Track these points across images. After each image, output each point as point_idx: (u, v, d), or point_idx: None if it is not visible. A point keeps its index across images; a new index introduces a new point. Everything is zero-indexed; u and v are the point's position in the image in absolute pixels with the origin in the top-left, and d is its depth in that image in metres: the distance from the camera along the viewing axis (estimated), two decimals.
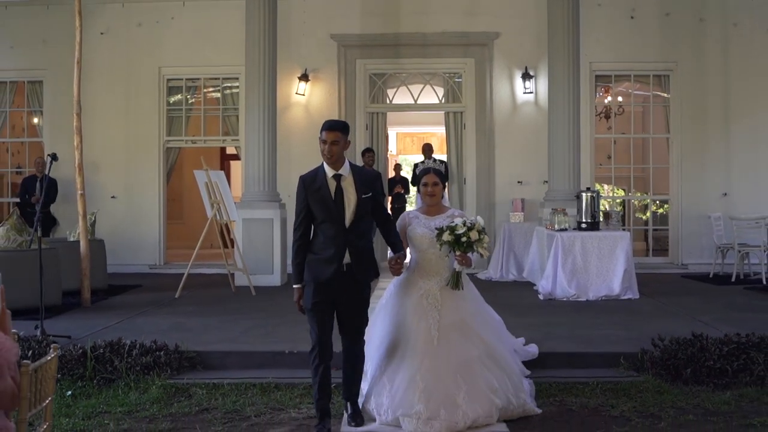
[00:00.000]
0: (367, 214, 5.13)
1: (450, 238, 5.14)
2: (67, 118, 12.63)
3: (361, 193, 5.04)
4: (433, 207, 5.53)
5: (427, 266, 5.40)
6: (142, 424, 5.32)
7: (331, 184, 5.03)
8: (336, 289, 5.00)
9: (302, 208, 5.07)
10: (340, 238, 4.99)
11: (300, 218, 5.08)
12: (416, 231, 5.41)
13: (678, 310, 8.66)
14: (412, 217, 5.53)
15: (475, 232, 5.14)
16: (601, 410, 5.56)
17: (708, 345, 6.25)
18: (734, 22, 12.67)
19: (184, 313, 8.66)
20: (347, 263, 4.98)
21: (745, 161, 12.52)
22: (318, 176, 5.08)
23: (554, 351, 6.59)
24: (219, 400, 5.83)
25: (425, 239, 5.36)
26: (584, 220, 9.98)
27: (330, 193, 5.01)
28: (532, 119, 12.65)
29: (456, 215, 5.46)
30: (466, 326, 5.29)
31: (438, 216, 5.46)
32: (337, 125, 5.08)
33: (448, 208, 5.62)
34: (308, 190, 5.05)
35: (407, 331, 5.26)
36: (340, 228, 4.99)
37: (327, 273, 4.95)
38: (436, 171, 5.58)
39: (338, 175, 5.05)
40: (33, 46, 13.29)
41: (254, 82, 11.48)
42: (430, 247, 5.34)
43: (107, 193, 13.00)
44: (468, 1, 12.77)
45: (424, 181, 5.55)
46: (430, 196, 5.55)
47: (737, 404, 5.64)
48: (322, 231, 5.04)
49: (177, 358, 6.48)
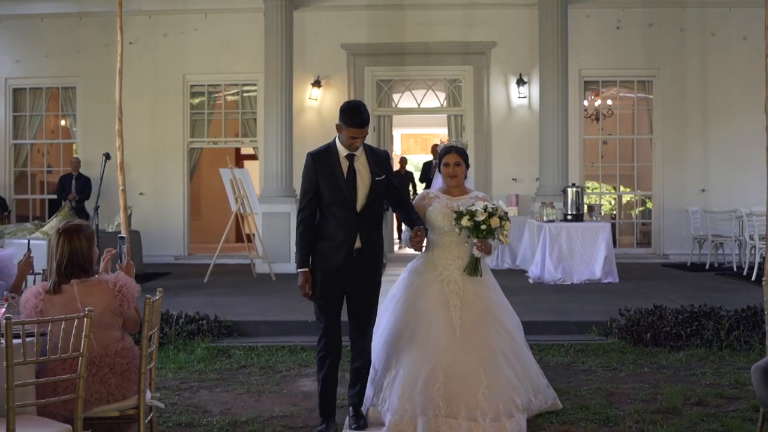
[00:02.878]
0: (380, 198, 4.76)
1: (469, 224, 4.78)
2: (98, 121, 13.94)
3: (375, 175, 4.68)
4: (456, 188, 5.09)
5: (448, 250, 4.98)
6: (194, 375, 6.47)
7: (343, 163, 4.65)
8: (346, 278, 4.66)
9: (310, 187, 4.66)
10: (351, 223, 4.62)
11: (307, 198, 4.68)
12: (436, 211, 4.97)
13: (651, 291, 9.77)
14: (433, 196, 5.07)
15: (497, 218, 4.79)
16: (573, 366, 6.69)
17: (666, 314, 7.40)
18: (712, 32, 13.75)
19: (214, 294, 9.81)
20: (358, 249, 4.64)
21: (721, 160, 13.58)
22: (330, 153, 4.70)
23: (537, 320, 7.72)
24: (254, 359, 6.97)
25: (447, 220, 4.92)
26: (570, 212, 11.13)
27: (342, 172, 4.63)
28: (525, 122, 13.72)
29: (480, 197, 5.03)
30: (489, 315, 4.91)
31: (461, 197, 5.04)
32: (366, 120, 4.64)
33: (470, 190, 5.20)
34: (318, 167, 4.66)
35: (426, 320, 4.83)
36: (351, 212, 4.62)
37: (336, 260, 4.62)
38: (458, 150, 5.09)
39: (351, 155, 4.68)
40: (67, 56, 14.35)
41: (272, 89, 12.66)
42: (450, 230, 4.92)
43: (136, 190, 14.11)
44: (467, 14, 13.85)
45: (446, 161, 5.07)
46: (452, 177, 5.07)
47: (687, 361, 6.77)
48: (332, 214, 4.65)
49: (216, 326, 7.65)
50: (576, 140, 13.55)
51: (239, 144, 15.39)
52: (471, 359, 4.71)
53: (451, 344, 4.74)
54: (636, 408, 5.35)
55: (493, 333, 4.87)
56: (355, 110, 4.61)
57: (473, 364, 4.69)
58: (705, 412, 5.26)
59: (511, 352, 4.91)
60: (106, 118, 13.64)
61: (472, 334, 4.80)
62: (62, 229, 3.95)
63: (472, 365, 4.69)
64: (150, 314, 3.92)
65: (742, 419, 5.00)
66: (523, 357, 5.08)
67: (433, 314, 4.83)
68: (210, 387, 6.11)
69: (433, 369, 4.66)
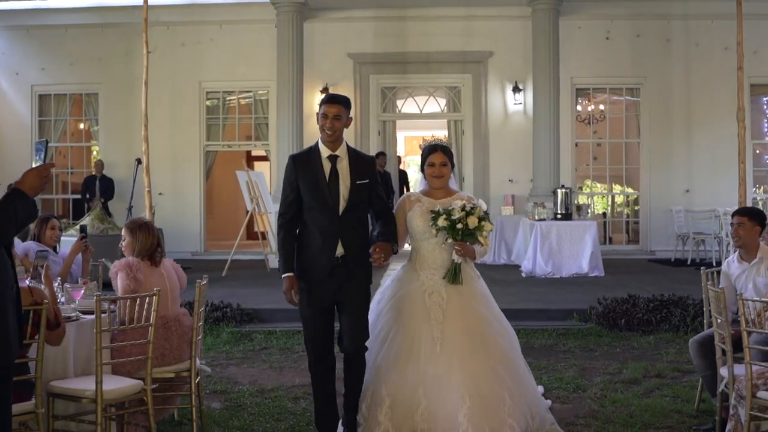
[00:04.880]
0: (363, 204, 4.50)
1: (445, 224, 4.46)
2: (120, 125, 14.89)
3: (356, 178, 4.44)
4: (440, 190, 4.73)
5: (430, 257, 4.63)
6: (222, 354, 7.41)
7: (325, 165, 4.43)
8: (331, 287, 4.40)
9: (290, 191, 4.47)
10: (332, 228, 4.37)
11: (288, 202, 4.47)
12: (416, 215, 4.64)
13: (633, 283, 10.63)
14: (414, 200, 4.72)
15: (474, 218, 4.45)
16: (555, 347, 7.61)
17: (639, 302, 8.32)
18: (696, 42, 14.60)
19: (233, 286, 10.73)
20: (341, 256, 4.38)
21: (704, 162, 14.43)
22: (311, 156, 4.47)
23: (526, 308, 8.67)
24: (274, 342, 7.89)
25: (426, 226, 4.58)
26: (559, 211, 12.06)
27: (324, 175, 4.41)
28: (520, 127, 14.54)
29: (464, 198, 4.66)
30: (474, 330, 4.53)
31: (445, 199, 4.68)
32: (338, 98, 4.47)
33: (456, 191, 4.81)
34: (299, 170, 4.45)
35: (407, 335, 4.52)
36: (332, 217, 4.38)
37: (319, 268, 4.38)
38: (443, 148, 4.73)
39: (334, 156, 4.44)
40: (90, 63, 15.17)
41: (284, 95, 13.60)
42: (431, 236, 4.58)
43: (156, 191, 14.88)
44: (466, 25, 14.69)
45: (431, 161, 4.70)
46: (437, 178, 4.71)
47: (656, 344, 7.69)
48: (312, 220, 4.43)
49: (239, 313, 8.59)
50: (568, 144, 14.43)
51: (252, 147, 16.30)
52: (453, 378, 4.38)
53: (431, 362, 4.42)
54: (603, 379, 6.29)
55: (479, 351, 4.48)
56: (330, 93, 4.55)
57: (455, 384, 4.37)
58: (661, 382, 6.20)
59: (503, 369, 4.51)
60: (127, 122, 14.71)
61: (453, 351, 4.44)
62: (141, 223, 5.10)
63: (454, 385, 4.37)
64: (199, 294, 4.86)
65: (690, 387, 5.91)
66: (517, 373, 4.64)
67: (414, 329, 4.51)
68: (237, 364, 7.05)
69: (415, 391, 4.39)
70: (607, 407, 5.56)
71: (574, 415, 5.35)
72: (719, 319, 4.83)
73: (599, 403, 5.67)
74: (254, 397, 5.91)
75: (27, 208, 3.21)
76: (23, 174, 3.24)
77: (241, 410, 5.59)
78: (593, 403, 5.66)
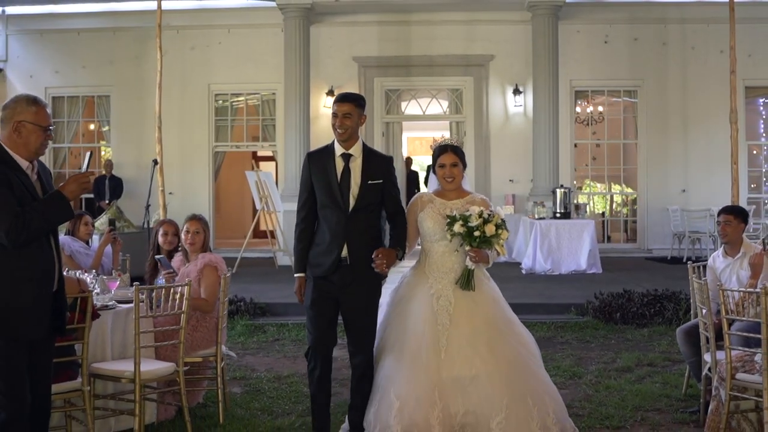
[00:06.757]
0: (374, 206, 4.48)
1: (462, 230, 4.38)
2: (131, 126, 15.30)
3: (368, 178, 4.41)
4: (453, 191, 4.65)
5: (439, 260, 4.56)
6: (238, 345, 7.81)
7: (338, 163, 4.44)
8: (337, 286, 4.40)
9: (305, 189, 4.51)
10: (340, 227, 4.37)
11: (303, 200, 4.53)
12: (427, 216, 4.58)
13: (628, 280, 11.02)
14: (426, 200, 4.65)
15: (492, 225, 4.39)
16: (553, 339, 8.02)
17: (633, 297, 8.72)
18: (692, 45, 14.99)
19: (245, 282, 11.09)
20: (345, 257, 4.38)
21: (699, 163, 14.80)
22: (325, 154, 4.50)
23: (526, 303, 8.99)
24: (286, 334, 8.31)
25: (438, 226, 4.52)
26: (558, 210, 12.46)
27: (336, 174, 4.41)
28: (521, 128, 14.90)
29: (478, 200, 4.62)
30: (483, 336, 4.42)
31: (458, 200, 4.62)
32: (349, 97, 4.47)
33: (469, 192, 4.73)
34: (312, 167, 4.48)
35: (416, 340, 4.42)
36: (342, 216, 4.38)
37: (324, 266, 4.39)
38: (454, 149, 4.65)
39: (347, 155, 4.45)
40: (102, 66, 15.55)
41: (291, 97, 14.00)
42: (442, 238, 4.51)
43: (166, 190, 15.37)
44: (467, 29, 15.07)
45: (441, 162, 4.63)
46: (448, 180, 4.63)
47: (649, 336, 8.09)
48: (324, 218, 4.44)
49: (252, 307, 9.00)
50: (567, 144, 14.82)
51: (259, 147, 16.70)
52: (456, 386, 4.31)
53: (437, 366, 4.34)
54: (598, 367, 6.70)
55: (485, 353, 4.37)
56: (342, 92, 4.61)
57: (459, 391, 4.31)
58: (652, 370, 6.61)
59: (516, 373, 4.39)
60: (137, 123, 15.14)
61: (457, 358, 4.35)
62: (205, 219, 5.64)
63: (458, 392, 4.31)
64: (225, 285, 5.28)
65: (679, 375, 6.31)
66: (534, 376, 4.50)
67: (420, 334, 4.42)
68: (253, 353, 7.48)
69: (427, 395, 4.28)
70: (600, 392, 5.98)
71: (570, 399, 5.75)
72: (704, 310, 5.23)
73: (594, 388, 6.09)
74: (272, 383, 6.33)
75: (62, 210, 3.66)
76: (67, 179, 3.70)
77: (261, 394, 6.02)
78: (588, 389, 6.08)
